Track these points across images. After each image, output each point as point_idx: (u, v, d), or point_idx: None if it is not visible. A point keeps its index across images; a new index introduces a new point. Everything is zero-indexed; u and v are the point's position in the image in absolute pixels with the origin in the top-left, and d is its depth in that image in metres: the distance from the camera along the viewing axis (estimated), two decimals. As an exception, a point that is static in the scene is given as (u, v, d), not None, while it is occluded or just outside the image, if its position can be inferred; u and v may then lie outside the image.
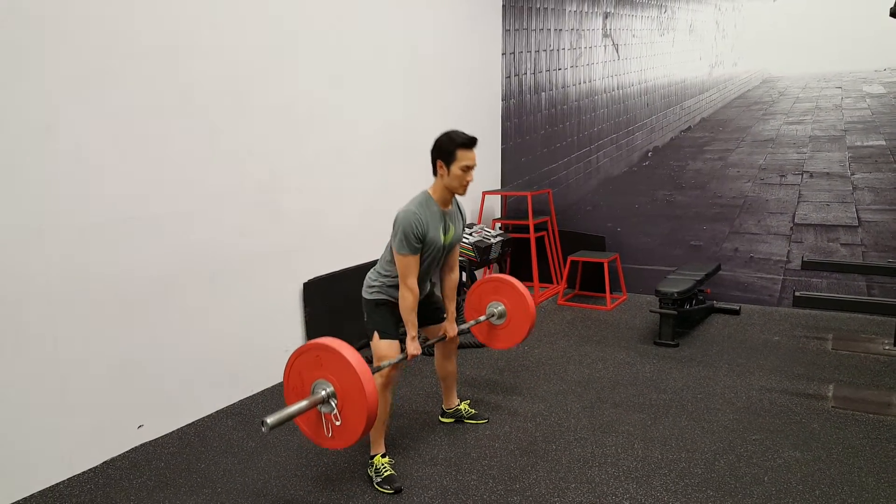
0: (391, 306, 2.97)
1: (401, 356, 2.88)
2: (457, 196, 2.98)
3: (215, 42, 3.59)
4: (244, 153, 3.83)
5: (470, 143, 2.79)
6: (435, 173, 2.86)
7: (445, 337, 3.18)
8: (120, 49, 3.10)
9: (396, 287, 2.92)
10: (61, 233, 2.91)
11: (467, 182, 2.81)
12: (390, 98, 5.13)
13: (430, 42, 5.63)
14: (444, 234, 2.91)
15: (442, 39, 5.81)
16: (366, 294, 3.01)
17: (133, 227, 3.21)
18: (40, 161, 2.81)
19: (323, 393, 2.38)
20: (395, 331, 2.97)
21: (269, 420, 2.23)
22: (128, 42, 3.13)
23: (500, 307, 3.55)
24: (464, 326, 3.40)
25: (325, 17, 4.38)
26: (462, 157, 2.76)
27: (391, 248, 2.87)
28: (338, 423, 2.37)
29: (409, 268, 2.79)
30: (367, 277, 3.05)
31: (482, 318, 3.55)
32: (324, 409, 2.41)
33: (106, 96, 3.05)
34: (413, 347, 2.89)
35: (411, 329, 2.89)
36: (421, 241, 2.78)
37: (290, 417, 2.32)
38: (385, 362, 2.82)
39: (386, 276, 2.96)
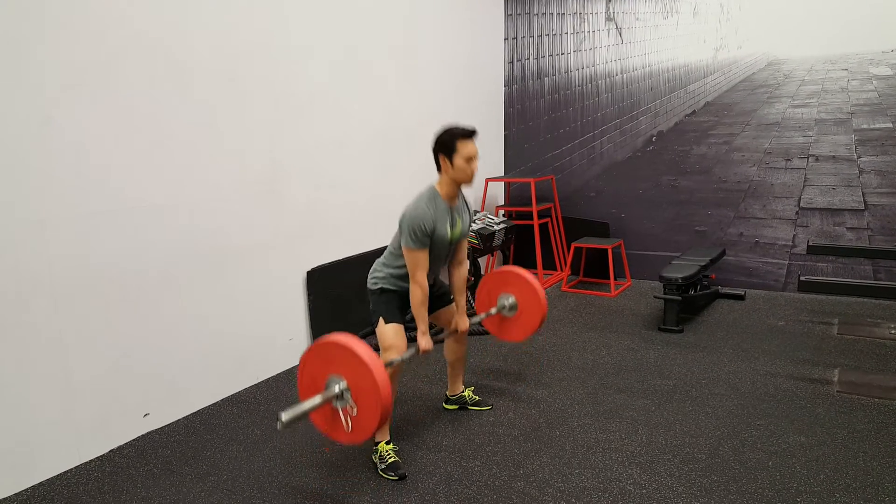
0: (396, 294, 2.97)
1: (412, 351, 2.88)
2: (463, 192, 3.01)
3: (215, 31, 3.57)
4: (245, 142, 3.81)
5: (469, 133, 2.82)
6: (439, 169, 2.88)
7: (457, 331, 3.20)
8: (119, 39, 3.08)
9: (401, 278, 2.94)
10: (63, 224, 2.91)
11: (472, 171, 2.84)
12: (391, 84, 5.10)
13: (431, 27, 5.59)
14: (452, 229, 2.93)
15: (443, 24, 5.76)
16: (370, 285, 3.01)
17: (135, 216, 3.21)
18: (41, 152, 2.80)
19: (336, 388, 2.38)
20: (400, 317, 2.96)
21: (284, 416, 2.24)
22: (127, 32, 3.11)
23: (511, 299, 3.55)
24: (475, 319, 3.41)
25: (326, 8, 4.34)
26: (463, 148, 2.79)
27: (398, 243, 2.88)
28: (354, 413, 2.36)
29: (418, 263, 2.81)
30: (371, 269, 3.05)
31: (493, 310, 3.55)
32: (339, 404, 2.41)
33: (105, 87, 3.04)
34: (425, 342, 2.90)
35: (422, 324, 2.90)
36: (429, 236, 2.80)
37: (305, 413, 2.33)
38: (396, 358, 2.82)
39: (391, 267, 2.96)
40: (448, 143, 2.80)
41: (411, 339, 2.99)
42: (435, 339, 3.00)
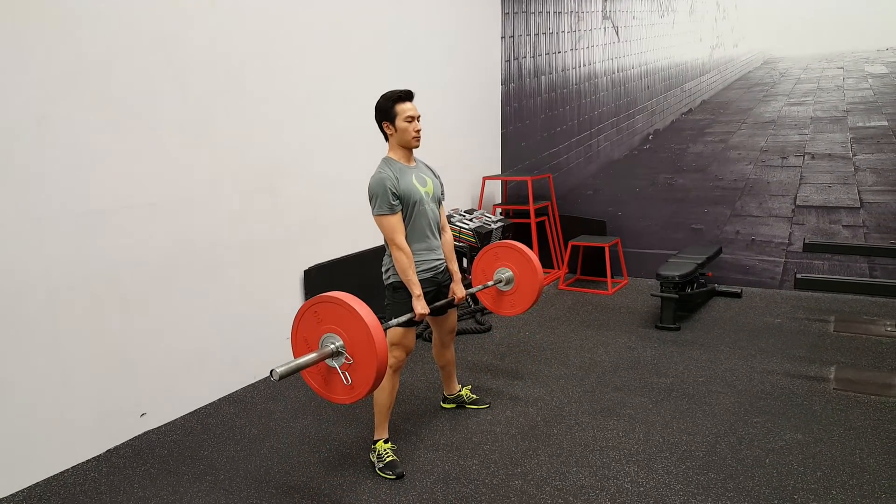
0: (408, 291, 2.91)
1: (409, 315, 2.84)
2: (424, 160, 3.06)
3: (212, 30, 3.56)
4: (243, 140, 3.80)
5: (405, 95, 2.87)
6: (387, 139, 2.94)
7: (455, 300, 3.12)
8: (115, 38, 3.07)
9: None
10: (60, 223, 2.90)
11: (417, 132, 2.87)
12: (388, 84, 5.06)
13: (429, 26, 5.58)
14: (422, 186, 2.92)
15: (440, 24, 5.76)
16: (384, 279, 3.01)
17: (131, 215, 3.20)
18: (36, 151, 2.79)
19: (332, 346, 2.35)
20: (411, 319, 2.90)
21: (279, 370, 2.23)
22: (123, 30, 3.10)
23: (508, 273, 3.53)
24: (472, 290, 3.39)
25: (324, 5, 4.33)
26: (401, 110, 2.84)
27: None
28: (350, 362, 2.33)
29: (393, 228, 2.81)
30: (382, 262, 3.03)
31: (490, 283, 3.53)
32: (335, 363, 2.37)
33: (101, 85, 3.02)
34: (420, 307, 2.85)
35: (414, 288, 2.84)
36: (397, 197, 2.80)
37: (299, 368, 2.31)
38: (393, 321, 2.79)
39: (391, 255, 2.93)
40: (387, 109, 2.85)
41: (419, 336, 2.95)
42: (431, 307, 2.95)
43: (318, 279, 4.36)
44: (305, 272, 4.30)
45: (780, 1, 5.66)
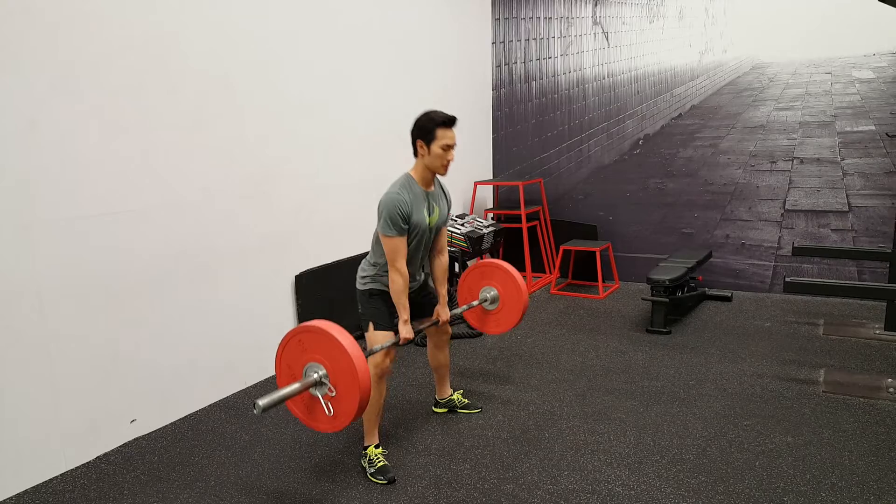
0: (384, 296, 2.94)
1: (393, 340, 2.85)
2: (440, 178, 3.00)
3: (204, 35, 3.55)
4: (233, 145, 3.80)
5: (450, 122, 2.80)
6: (416, 154, 2.87)
7: (438, 321, 3.14)
8: (107, 43, 3.06)
9: (388, 275, 2.91)
10: (50, 228, 2.88)
11: (448, 161, 2.83)
12: (380, 89, 5.09)
13: (420, 32, 5.60)
14: (430, 216, 2.91)
15: (431, 29, 5.78)
16: (359, 285, 3.00)
17: (121, 220, 3.19)
18: (26, 156, 2.78)
19: (315, 375, 2.35)
20: (389, 321, 2.94)
21: (261, 402, 2.22)
22: (115, 35, 3.09)
23: (493, 292, 3.55)
24: (456, 311, 3.40)
25: (315, 9, 4.34)
26: (442, 136, 2.77)
27: (378, 234, 2.86)
28: (333, 395, 2.34)
29: (396, 250, 2.78)
30: (359, 268, 3.03)
31: (475, 302, 3.55)
32: (318, 392, 2.37)
33: (92, 90, 3.01)
34: (405, 331, 2.86)
35: (403, 312, 2.86)
36: (406, 222, 2.78)
37: (282, 400, 2.30)
38: (377, 346, 2.80)
39: (376, 265, 2.94)
40: (428, 129, 2.78)
41: (412, 342, 2.95)
42: (416, 329, 2.97)
43: (309, 284, 4.36)
44: (297, 277, 4.29)
45: (768, 7, 5.71)
